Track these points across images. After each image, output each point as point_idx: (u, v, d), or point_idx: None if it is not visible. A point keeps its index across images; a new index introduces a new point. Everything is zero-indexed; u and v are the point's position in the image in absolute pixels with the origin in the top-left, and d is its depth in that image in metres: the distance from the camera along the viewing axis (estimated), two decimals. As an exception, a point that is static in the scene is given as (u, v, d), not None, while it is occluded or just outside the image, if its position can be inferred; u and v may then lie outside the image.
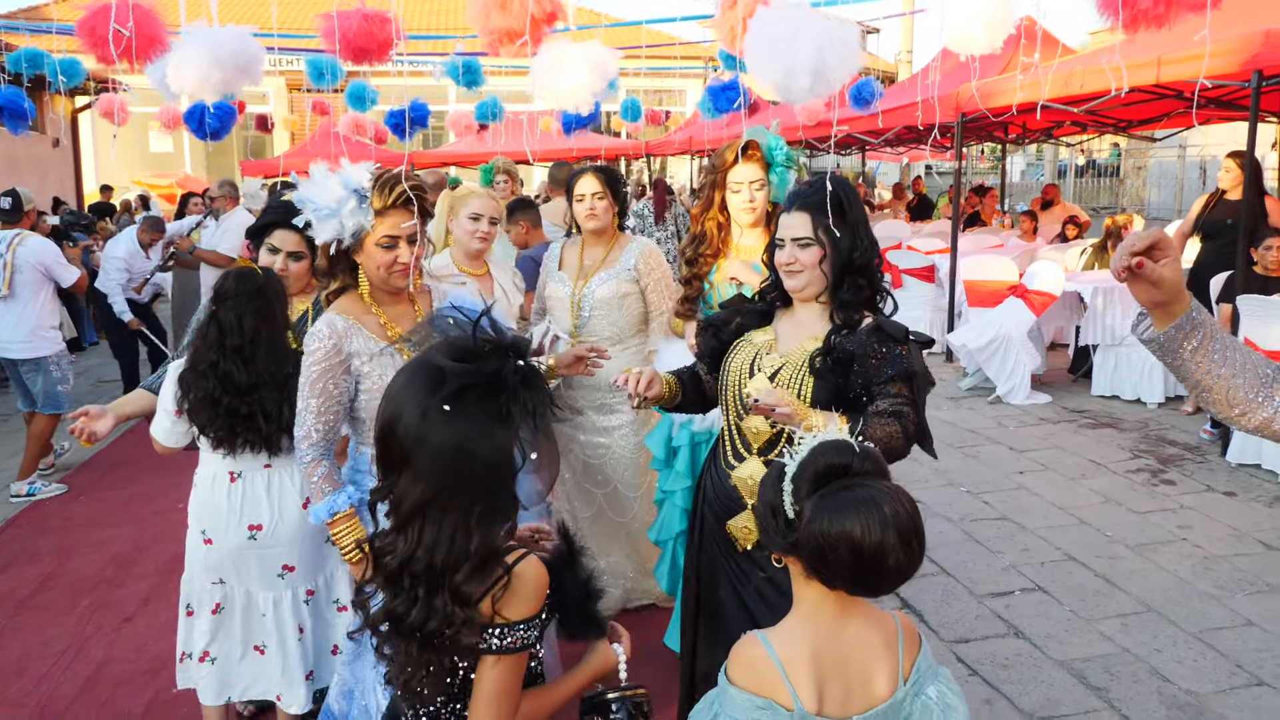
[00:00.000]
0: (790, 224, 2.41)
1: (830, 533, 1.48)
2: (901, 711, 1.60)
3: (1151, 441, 6.54)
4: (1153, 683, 3.54)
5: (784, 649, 1.56)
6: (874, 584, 1.54)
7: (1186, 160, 19.45)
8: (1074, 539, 4.87)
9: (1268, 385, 1.57)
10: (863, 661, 1.59)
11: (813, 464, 1.55)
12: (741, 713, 1.52)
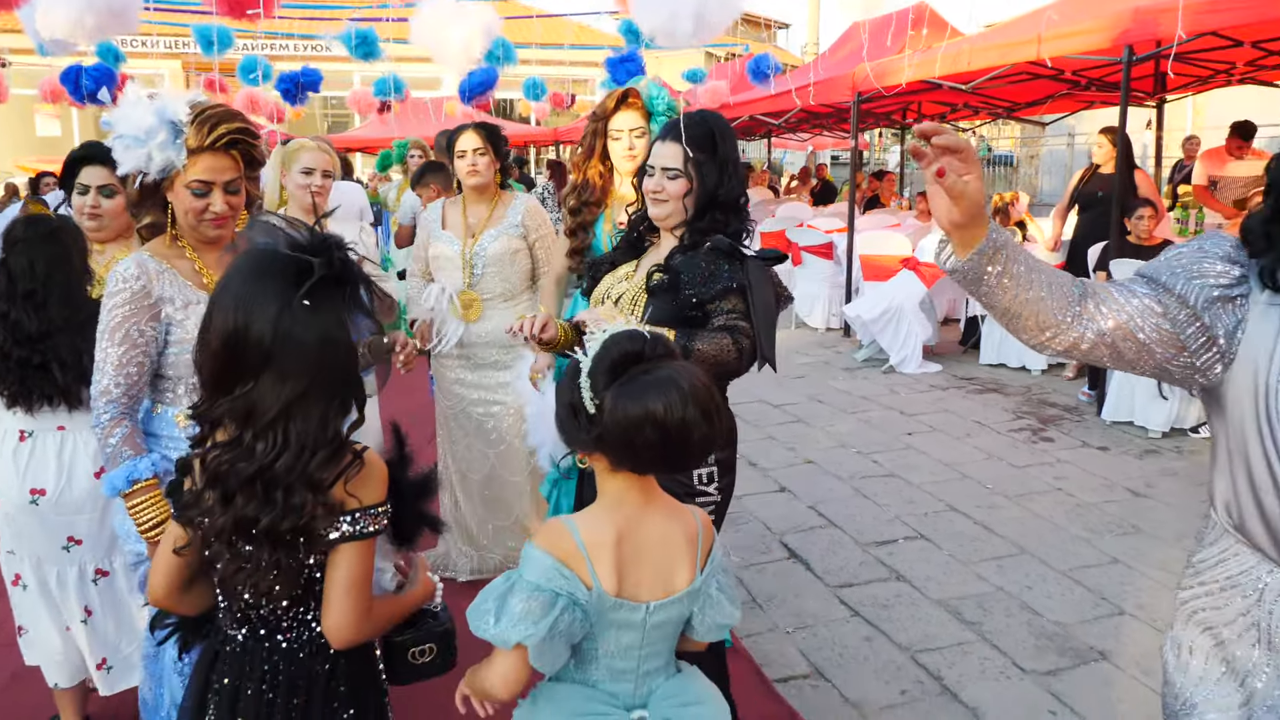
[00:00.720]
0: (662, 153, 2.44)
1: (634, 416, 1.50)
2: (697, 599, 1.66)
3: (1033, 404, 6.80)
4: (1023, 616, 3.70)
5: (589, 534, 1.58)
6: (682, 459, 1.59)
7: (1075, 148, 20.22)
8: (956, 491, 5.05)
9: (1075, 304, 1.50)
10: (664, 553, 1.63)
11: (606, 355, 1.57)
12: (542, 574, 1.53)
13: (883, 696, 3.18)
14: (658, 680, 1.68)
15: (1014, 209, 8.90)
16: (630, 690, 1.65)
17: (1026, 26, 7.63)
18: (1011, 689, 3.21)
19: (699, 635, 1.71)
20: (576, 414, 1.58)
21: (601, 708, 1.62)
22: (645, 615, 1.61)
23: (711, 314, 2.33)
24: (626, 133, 3.35)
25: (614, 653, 1.63)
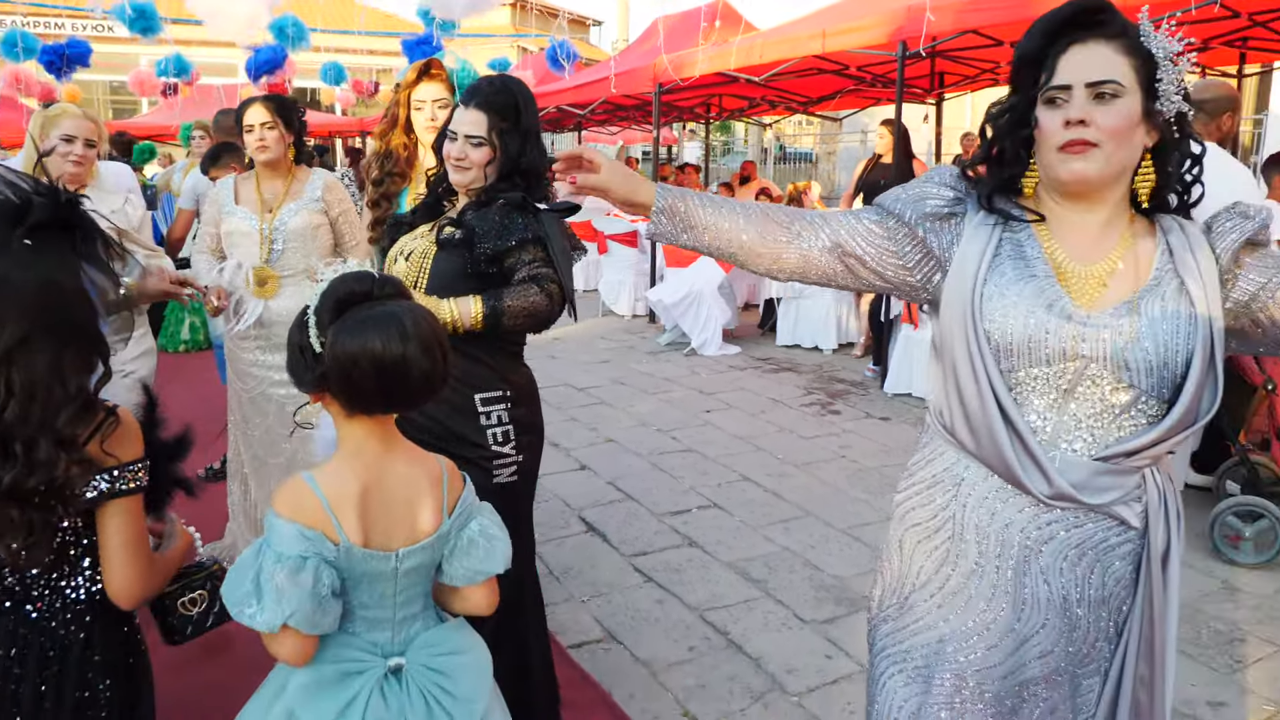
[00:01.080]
0: (466, 119, 2.41)
1: (351, 351, 1.51)
2: (447, 543, 1.67)
3: (824, 380, 7.17)
4: (806, 572, 3.91)
5: (330, 487, 1.57)
6: (402, 397, 1.58)
7: (868, 144, 21.39)
8: (749, 462, 5.27)
9: (788, 226, 1.65)
10: (408, 498, 1.64)
11: (333, 293, 1.56)
12: (290, 544, 1.51)
13: (672, 654, 3.30)
14: (415, 627, 1.68)
15: (806, 198, 9.33)
16: (389, 638, 1.65)
17: (813, 21, 8.02)
18: (792, 638, 3.39)
19: (451, 579, 1.70)
20: (304, 353, 1.56)
21: (358, 654, 1.62)
22: (396, 563, 1.61)
23: (514, 268, 2.35)
24: (429, 103, 3.34)
25: (368, 603, 1.62)
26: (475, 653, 1.73)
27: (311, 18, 11.45)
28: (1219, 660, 3.24)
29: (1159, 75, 1.47)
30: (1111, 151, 1.48)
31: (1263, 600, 3.67)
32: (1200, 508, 4.37)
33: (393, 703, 1.60)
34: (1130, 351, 1.48)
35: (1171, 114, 1.49)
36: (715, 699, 3.03)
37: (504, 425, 2.40)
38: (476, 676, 1.70)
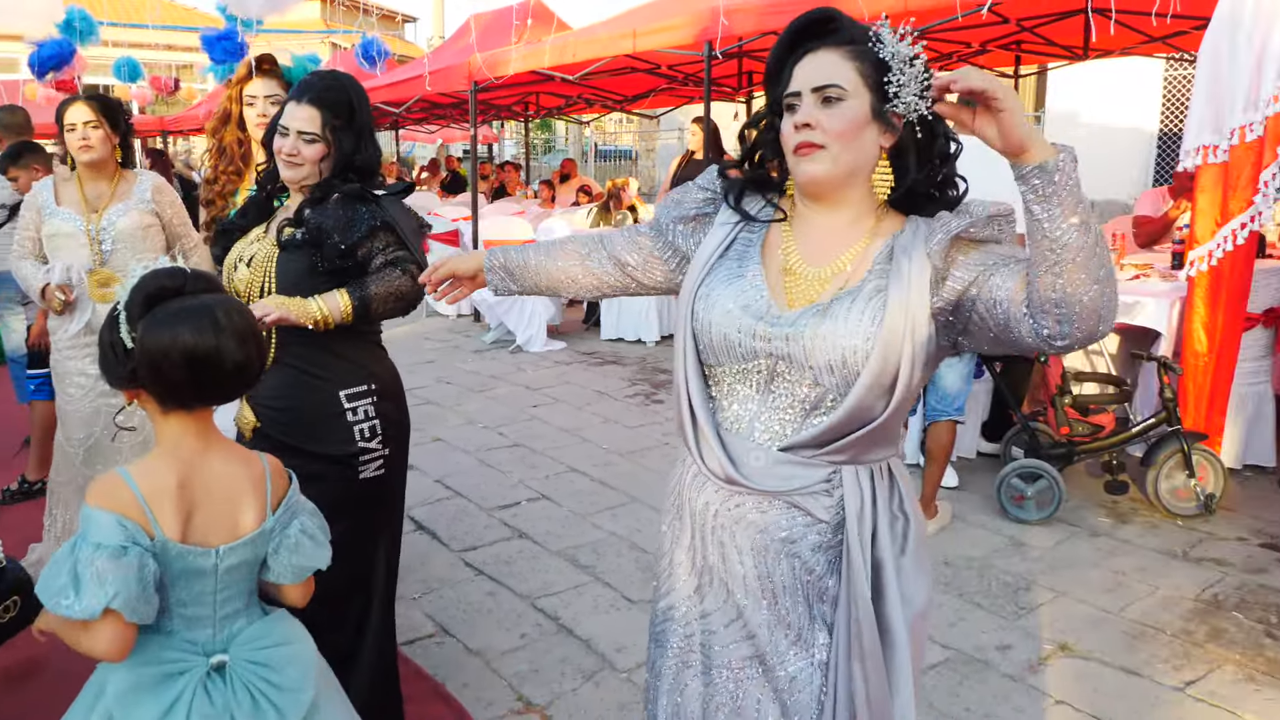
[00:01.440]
0: (298, 115, 2.37)
1: (162, 343, 1.52)
2: (270, 541, 1.69)
3: (648, 372, 7.36)
4: (632, 555, 4.04)
5: (145, 482, 1.57)
6: (216, 389, 1.60)
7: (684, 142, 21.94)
8: (576, 454, 5.37)
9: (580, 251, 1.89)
10: (228, 495, 1.65)
11: (143, 288, 1.57)
12: (104, 533, 1.50)
13: (504, 643, 3.35)
14: (239, 624, 1.69)
15: (624, 194, 9.51)
16: (210, 636, 1.65)
17: (624, 21, 8.19)
18: (620, 618, 3.51)
19: (276, 577, 1.72)
20: (115, 350, 1.56)
21: (177, 654, 1.61)
22: (216, 560, 1.61)
23: (369, 257, 2.35)
24: (261, 99, 3.26)
25: (186, 600, 1.62)
26: (299, 644, 1.75)
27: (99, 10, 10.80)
28: (1007, 608, 3.56)
29: (888, 78, 1.49)
30: (838, 153, 1.53)
31: (1045, 552, 4.05)
32: (989, 472, 4.77)
33: (218, 700, 1.61)
34: (811, 351, 1.52)
35: (913, 115, 1.51)
36: (548, 681, 3.11)
37: (370, 420, 2.41)
38: (302, 666, 1.72)
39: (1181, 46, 8.13)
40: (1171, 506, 4.33)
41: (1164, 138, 13.50)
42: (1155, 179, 13.12)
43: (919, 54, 1.50)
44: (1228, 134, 4.30)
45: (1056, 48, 8.25)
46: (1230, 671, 3.13)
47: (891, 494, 1.62)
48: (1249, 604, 3.57)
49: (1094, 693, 3.02)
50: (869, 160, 1.57)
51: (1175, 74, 13.17)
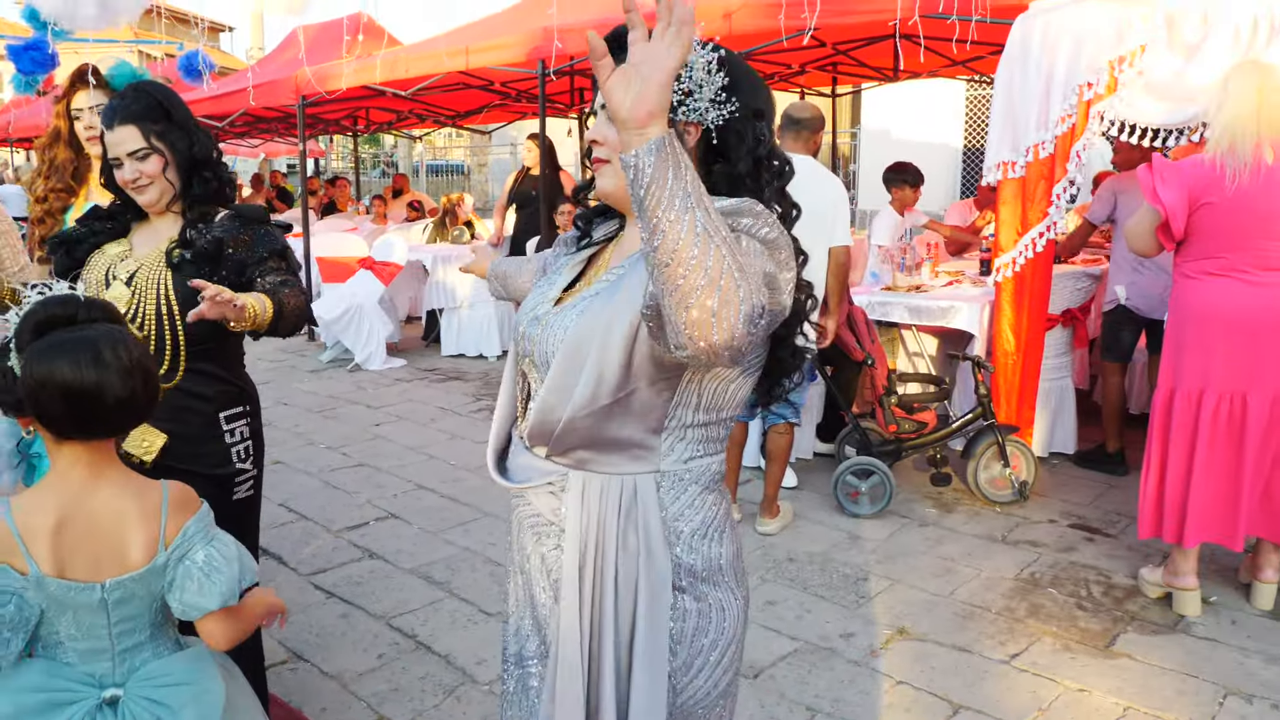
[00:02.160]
0: (120, 140, 2.29)
1: (39, 376, 1.49)
2: (165, 575, 1.64)
3: (491, 386, 7.34)
4: (487, 569, 4.05)
5: (24, 516, 1.53)
6: (98, 424, 1.57)
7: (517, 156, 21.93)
8: (424, 471, 5.32)
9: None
10: (116, 528, 1.60)
11: (33, 315, 1.55)
12: None
13: (361, 664, 3.31)
14: (142, 657, 1.65)
15: (460, 209, 9.47)
16: (109, 669, 1.61)
17: (457, 38, 8.17)
18: (479, 632, 3.52)
19: (178, 614, 1.67)
20: (5, 375, 1.51)
21: (65, 684, 1.56)
22: (103, 594, 1.57)
23: (256, 277, 2.31)
24: (88, 111, 3.13)
25: (77, 635, 1.58)
26: (204, 683, 1.69)
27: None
28: (848, 598, 3.77)
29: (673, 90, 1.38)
30: (617, 168, 1.46)
31: (879, 544, 4.30)
32: (825, 472, 5.01)
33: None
34: (535, 347, 1.54)
35: (708, 122, 1.46)
36: (408, 699, 3.09)
37: (245, 441, 2.40)
38: (203, 709, 1.66)
39: (980, 70, 8.77)
40: (990, 495, 4.68)
41: (968, 153, 14.48)
42: (961, 191, 14.05)
43: (711, 64, 1.44)
44: (1024, 151, 4.69)
45: (869, 69, 8.75)
46: (1049, 643, 3.41)
47: (628, 519, 1.52)
48: (1062, 580, 3.90)
49: (931, 671, 3.24)
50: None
51: (975, 94, 14.16)
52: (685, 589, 1.54)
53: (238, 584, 1.69)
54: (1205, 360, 3.47)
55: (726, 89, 1.45)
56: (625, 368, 1.43)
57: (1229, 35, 3.98)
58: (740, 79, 1.47)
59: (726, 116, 1.45)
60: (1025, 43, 4.58)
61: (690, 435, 1.51)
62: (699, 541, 1.54)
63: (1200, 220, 3.38)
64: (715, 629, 1.56)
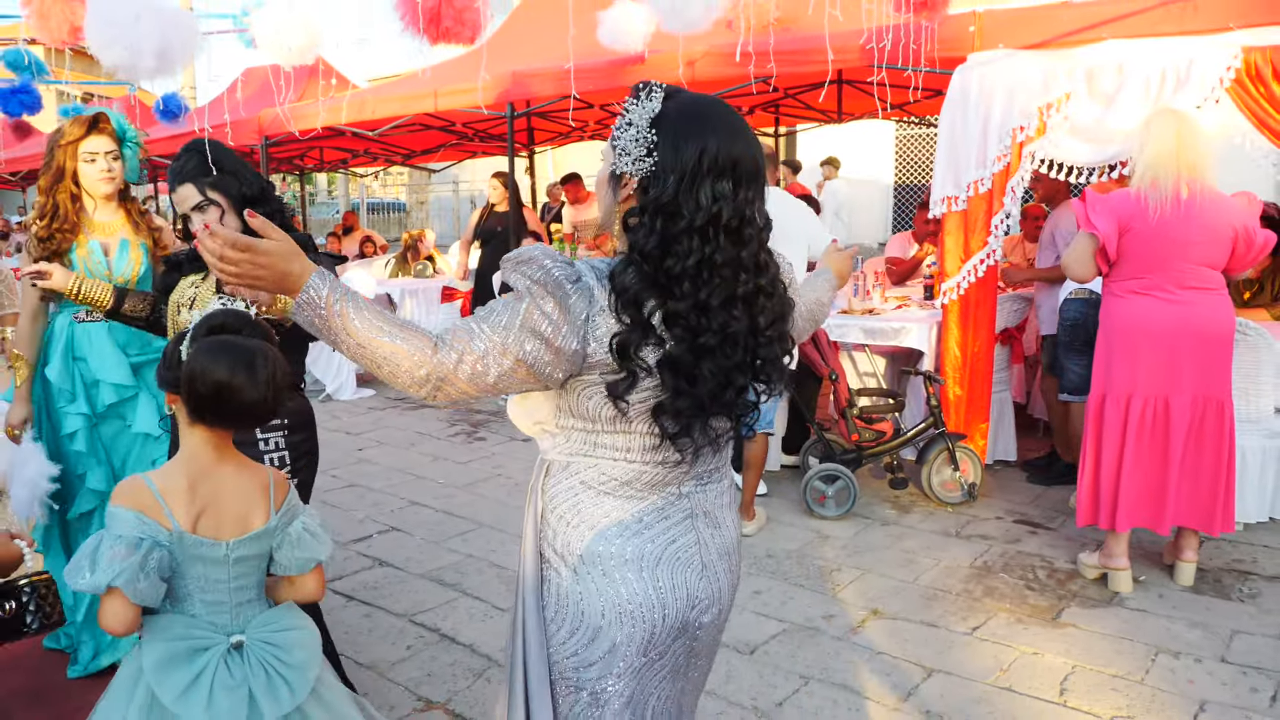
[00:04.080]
0: (183, 198, 2.67)
1: (200, 366, 1.85)
2: (274, 537, 2.00)
3: (464, 413, 7.66)
4: (494, 571, 4.38)
5: (163, 482, 1.87)
6: (230, 418, 1.92)
7: (460, 194, 22.24)
8: (414, 489, 5.63)
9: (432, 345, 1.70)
10: (236, 497, 1.95)
11: (212, 318, 1.90)
12: (127, 527, 1.79)
13: (392, 655, 3.62)
14: (253, 611, 1.98)
15: (423, 245, 9.79)
16: (228, 620, 1.93)
17: (424, 82, 8.53)
18: (496, 624, 3.85)
19: (285, 569, 2.02)
20: (171, 359, 1.87)
21: (201, 633, 1.89)
22: (227, 551, 1.91)
23: None
24: (102, 155, 3.38)
25: (205, 587, 1.90)
26: (306, 630, 2.03)
27: None
28: (824, 586, 4.19)
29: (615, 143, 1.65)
30: (595, 207, 1.97)
31: (847, 541, 4.73)
32: (791, 481, 5.44)
33: (236, 673, 1.89)
34: None
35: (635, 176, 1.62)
36: (441, 682, 3.41)
37: (280, 451, 2.70)
38: (308, 649, 2.00)
39: (913, 112, 9.43)
40: (942, 496, 5.15)
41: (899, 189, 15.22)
42: (894, 224, 14.77)
43: (632, 118, 1.62)
44: (965, 187, 5.22)
45: (814, 111, 9.34)
46: (1004, 618, 3.86)
47: (532, 491, 1.79)
48: (1011, 566, 4.37)
49: (904, 643, 3.66)
50: (609, 215, 1.71)
51: (905, 133, 14.93)
52: (549, 562, 1.75)
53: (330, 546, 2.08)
54: (1132, 368, 3.98)
55: (651, 146, 1.60)
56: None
57: (1141, 85, 4.57)
58: (664, 137, 1.60)
59: (644, 171, 1.60)
60: (964, 91, 5.13)
61: (573, 436, 1.72)
62: (560, 525, 1.72)
63: (1126, 245, 3.91)
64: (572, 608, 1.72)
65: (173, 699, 1.78)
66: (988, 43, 5.08)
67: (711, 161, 1.57)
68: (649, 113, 1.60)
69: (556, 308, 1.56)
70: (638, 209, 1.61)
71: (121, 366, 3.42)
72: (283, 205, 2.88)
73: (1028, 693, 3.29)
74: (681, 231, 1.57)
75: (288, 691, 1.91)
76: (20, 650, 2.11)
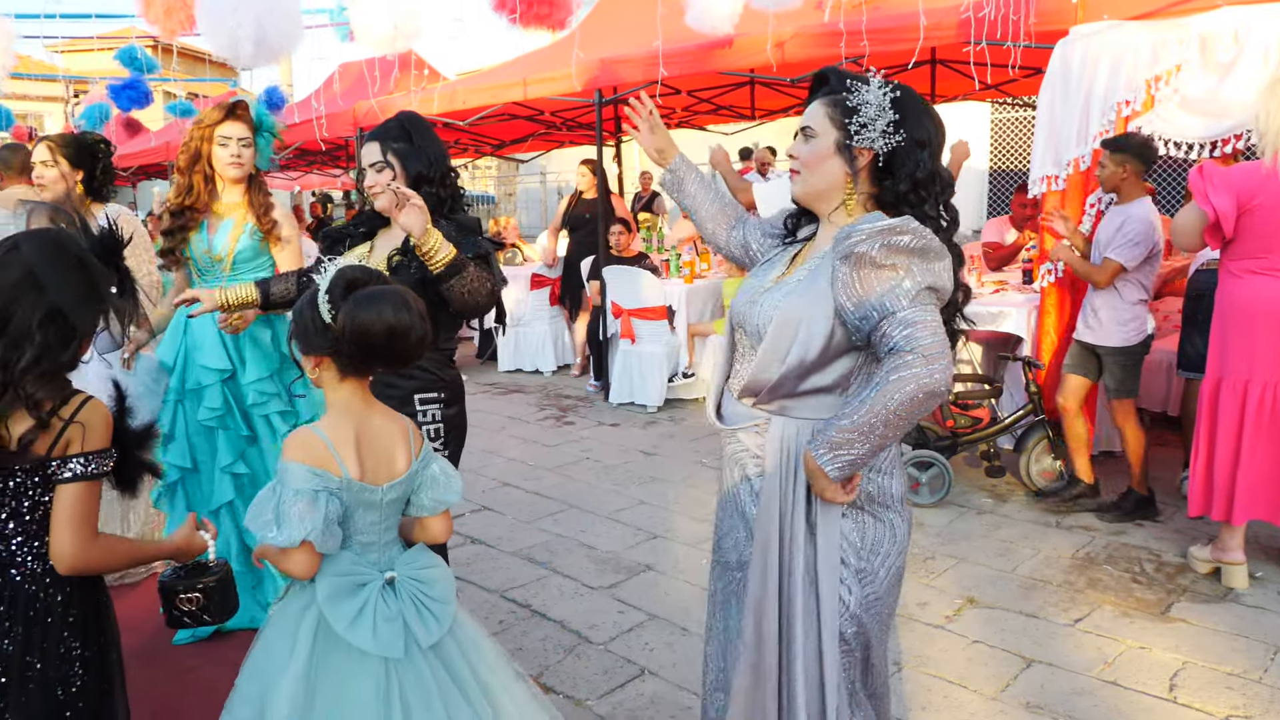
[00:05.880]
0: (366, 153, 2.76)
1: (368, 319, 1.87)
2: (415, 480, 2.06)
3: (552, 397, 7.72)
4: (582, 551, 4.40)
5: (332, 433, 1.93)
6: (401, 356, 1.96)
7: (547, 185, 22.42)
8: (505, 470, 5.69)
9: (732, 221, 2.37)
10: (387, 444, 2.02)
11: (342, 277, 1.93)
12: (301, 480, 1.85)
13: (484, 628, 3.64)
14: (395, 550, 2.05)
15: (506, 233, 9.89)
16: (377, 558, 2.01)
17: (513, 71, 8.61)
18: (585, 602, 3.86)
19: (420, 510, 2.08)
20: (314, 325, 1.89)
21: (363, 570, 1.96)
22: (382, 495, 1.97)
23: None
24: (234, 140, 3.47)
25: (362, 529, 1.97)
26: (443, 567, 2.12)
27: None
28: (919, 574, 4.09)
29: (849, 121, 1.91)
30: (807, 176, 1.99)
31: (942, 529, 4.62)
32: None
33: (392, 605, 1.96)
34: (749, 318, 2.00)
35: (880, 149, 1.90)
36: (533, 657, 3.43)
37: (436, 423, 2.74)
38: (447, 584, 2.08)
39: (1010, 92, 9.16)
40: (1041, 486, 4.99)
41: (994, 174, 14.83)
42: (989, 210, 14.40)
43: (885, 102, 1.88)
44: (1065, 165, 5.04)
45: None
46: (1109, 610, 3.72)
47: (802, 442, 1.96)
48: (1116, 559, 4.22)
49: (1002, 632, 3.56)
50: (833, 182, 1.98)
51: (1000, 117, 14.54)
52: (862, 507, 1.96)
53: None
54: (1249, 352, 3.79)
55: (895, 123, 1.88)
56: (826, 340, 1.89)
57: (1259, 53, 4.34)
58: (908, 114, 1.89)
59: (892, 146, 1.89)
60: (1066, 64, 4.94)
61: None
62: (870, 472, 1.95)
63: (1247, 223, 3.72)
64: (889, 542, 1.99)
65: (344, 627, 1.87)
66: (1092, 14, 4.89)
67: (943, 137, 1.94)
68: (886, 94, 1.88)
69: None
70: (906, 178, 1.90)
71: (217, 350, 3.51)
72: (457, 191, 2.90)
73: (1135, 687, 3.16)
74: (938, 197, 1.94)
75: (435, 622, 1.98)
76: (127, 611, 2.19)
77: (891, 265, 1.81)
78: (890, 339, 1.79)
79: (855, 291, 1.83)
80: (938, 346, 1.78)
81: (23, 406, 1.66)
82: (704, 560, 4.25)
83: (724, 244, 2.41)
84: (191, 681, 3.27)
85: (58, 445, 1.71)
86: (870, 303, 1.82)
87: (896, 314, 1.79)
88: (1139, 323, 4.59)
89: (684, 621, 3.67)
